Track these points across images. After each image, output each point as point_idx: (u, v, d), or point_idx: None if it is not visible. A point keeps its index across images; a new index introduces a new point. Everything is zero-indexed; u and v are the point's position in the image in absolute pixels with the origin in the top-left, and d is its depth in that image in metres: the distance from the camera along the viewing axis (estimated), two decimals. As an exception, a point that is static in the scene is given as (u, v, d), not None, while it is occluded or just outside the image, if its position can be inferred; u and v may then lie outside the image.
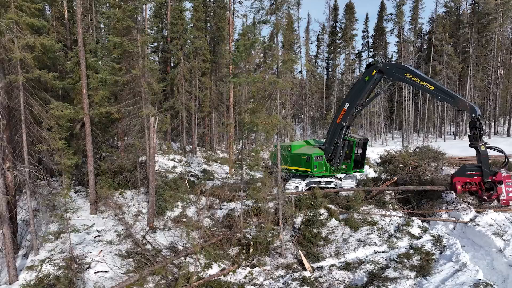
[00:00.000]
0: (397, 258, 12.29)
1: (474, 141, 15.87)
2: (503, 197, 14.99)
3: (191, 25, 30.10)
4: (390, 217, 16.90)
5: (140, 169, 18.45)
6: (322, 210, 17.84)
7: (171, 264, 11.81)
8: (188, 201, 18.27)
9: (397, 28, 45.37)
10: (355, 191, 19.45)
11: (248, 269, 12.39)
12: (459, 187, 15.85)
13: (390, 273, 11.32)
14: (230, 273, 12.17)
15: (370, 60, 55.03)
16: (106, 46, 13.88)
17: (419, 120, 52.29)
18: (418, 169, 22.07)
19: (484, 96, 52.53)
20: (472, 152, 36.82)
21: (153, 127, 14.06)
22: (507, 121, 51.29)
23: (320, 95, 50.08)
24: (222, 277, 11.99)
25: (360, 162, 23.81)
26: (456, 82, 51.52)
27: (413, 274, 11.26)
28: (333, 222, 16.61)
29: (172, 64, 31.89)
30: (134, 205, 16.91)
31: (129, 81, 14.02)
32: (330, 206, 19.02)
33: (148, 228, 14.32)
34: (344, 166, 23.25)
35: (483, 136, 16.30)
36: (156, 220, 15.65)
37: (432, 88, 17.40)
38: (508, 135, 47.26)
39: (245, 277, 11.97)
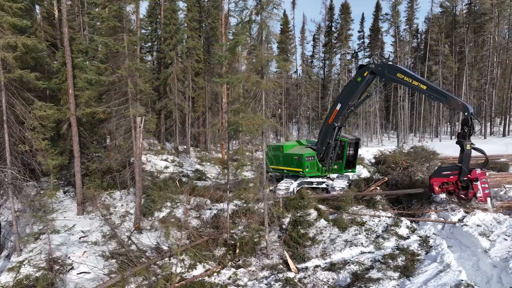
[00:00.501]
0: (382, 259, 12.24)
1: (462, 138, 15.90)
2: (479, 194, 15.06)
3: (185, 25, 30.05)
4: (379, 217, 16.87)
5: (129, 170, 18.43)
6: (311, 211, 17.81)
7: (154, 265, 11.77)
8: (178, 201, 18.22)
9: (393, 28, 45.34)
10: (340, 195, 19.44)
11: (233, 270, 12.33)
12: (436, 188, 15.93)
13: (374, 273, 11.27)
14: (215, 273, 12.12)
15: (366, 60, 55.06)
16: (94, 46, 13.80)
17: (415, 120, 52.30)
18: (410, 169, 22.05)
19: (480, 96, 52.55)
20: (467, 153, 36.54)
21: (139, 127, 14.01)
22: (503, 121, 51.27)
23: (316, 95, 50.05)
24: (206, 278, 11.93)
25: (352, 162, 23.81)
26: (452, 82, 51.50)
27: (396, 274, 11.22)
28: (322, 222, 16.57)
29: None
30: (122, 205, 16.86)
31: (116, 81, 13.97)
32: (320, 206, 19.01)
33: (134, 229, 14.27)
34: (336, 166, 23.26)
35: (472, 136, 16.32)
36: (144, 220, 15.60)
37: (425, 87, 17.38)
38: (504, 135, 47.24)
39: (229, 278, 11.92)
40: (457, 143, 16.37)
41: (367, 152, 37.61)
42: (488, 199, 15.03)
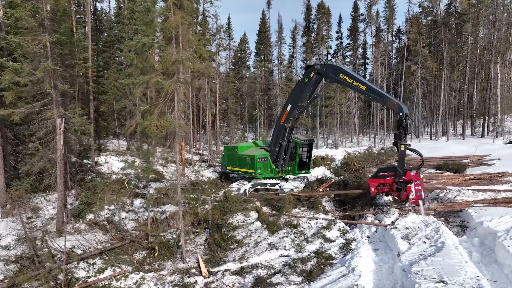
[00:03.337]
0: (292, 263, 12.03)
1: (398, 139, 15.70)
2: (412, 196, 14.84)
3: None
4: (317, 219, 16.67)
5: (70, 170, 18.25)
6: (252, 213, 17.64)
7: (57, 269, 11.54)
8: (119, 203, 18.01)
9: (369, 29, 45.22)
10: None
11: (141, 274, 12.12)
12: (372, 189, 15.77)
13: (277, 278, 11.06)
14: (122, 278, 11.91)
15: (347, 60, 54.90)
16: (14, 46, 13.59)
17: (393, 121, 52.08)
18: (360, 170, 21.89)
19: (461, 97, 52.39)
20: (435, 153, 36.56)
21: (60, 128, 13.82)
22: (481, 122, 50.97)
23: (295, 96, 49.82)
24: (114, 282, 11.72)
25: (306, 164, 23.66)
26: (432, 83, 51.32)
27: (299, 279, 11.00)
28: (256, 224, 16.36)
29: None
30: (54, 208, 16.64)
31: (34, 81, 13.77)
32: (264, 208, 18.84)
33: (53, 232, 14.07)
34: (289, 168, 23.10)
35: (408, 136, 16.19)
36: (72, 223, 15.41)
37: (364, 88, 17.28)
38: (482, 135, 47.03)
39: (135, 282, 11.70)
40: (393, 144, 16.24)
41: (343, 153, 37.47)
42: (420, 201, 14.80)
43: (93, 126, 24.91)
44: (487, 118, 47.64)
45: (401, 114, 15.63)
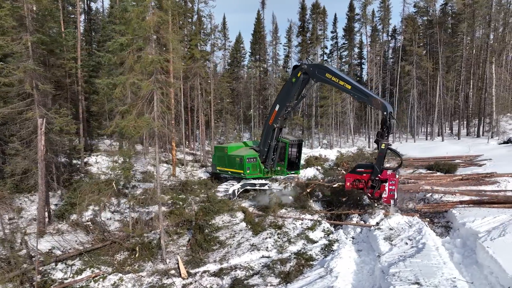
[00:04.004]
0: (271, 264, 11.94)
1: (380, 138, 15.64)
2: (384, 195, 14.82)
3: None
4: (303, 220, 16.60)
5: (56, 170, 18.20)
6: (239, 214, 17.57)
7: (34, 271, 11.45)
8: (101, 204, 17.91)
9: (364, 28, 45.14)
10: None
11: (120, 275, 12.03)
12: (348, 184, 15.88)
13: (255, 279, 10.97)
14: (100, 279, 11.82)
15: (343, 60, 54.79)
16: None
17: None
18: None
19: (457, 97, 52.25)
20: (429, 153, 36.30)
21: (41, 129, 13.73)
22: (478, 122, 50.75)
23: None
24: (91, 284, 11.62)
25: (295, 164, 23.58)
26: (427, 83, 51.18)
27: (277, 281, 10.91)
28: (241, 225, 16.30)
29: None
30: (37, 208, 16.55)
31: (16, 81, 13.70)
32: (251, 208, 18.77)
33: (35, 233, 13.98)
34: (278, 168, 23.02)
35: (390, 135, 16.16)
36: (55, 223, 15.32)
37: (350, 87, 17.23)
38: (478, 135, 46.90)
39: (113, 284, 11.60)
40: (375, 142, 16.22)
41: (337, 153, 37.41)
42: (392, 201, 14.80)
43: (82, 126, 24.89)
44: (482, 118, 47.53)
45: (385, 113, 15.58)
